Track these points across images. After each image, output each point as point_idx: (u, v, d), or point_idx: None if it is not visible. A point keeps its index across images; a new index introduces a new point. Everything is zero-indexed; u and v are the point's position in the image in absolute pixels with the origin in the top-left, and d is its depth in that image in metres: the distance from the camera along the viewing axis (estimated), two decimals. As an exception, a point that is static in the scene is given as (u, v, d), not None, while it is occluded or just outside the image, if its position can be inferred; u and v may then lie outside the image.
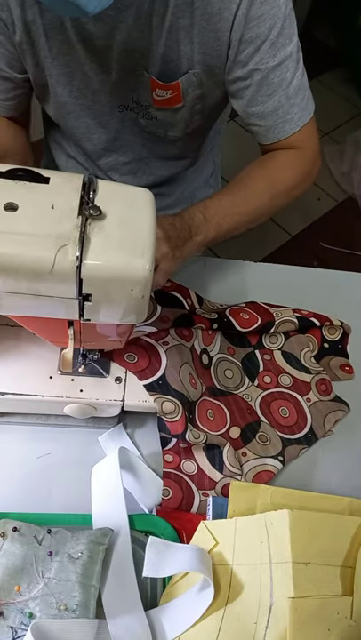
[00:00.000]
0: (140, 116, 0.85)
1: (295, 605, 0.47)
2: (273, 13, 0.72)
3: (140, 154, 0.94)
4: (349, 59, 2.67)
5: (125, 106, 0.84)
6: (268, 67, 0.75)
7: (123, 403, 0.64)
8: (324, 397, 0.75)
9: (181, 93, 0.80)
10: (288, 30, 0.74)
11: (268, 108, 0.78)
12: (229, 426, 0.69)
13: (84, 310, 0.50)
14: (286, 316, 0.79)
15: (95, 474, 0.61)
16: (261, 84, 0.76)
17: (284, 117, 0.79)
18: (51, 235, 0.45)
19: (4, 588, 0.51)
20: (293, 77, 0.77)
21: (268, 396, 0.73)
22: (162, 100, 0.81)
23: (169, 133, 0.88)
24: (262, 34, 0.72)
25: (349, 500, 0.58)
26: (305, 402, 0.73)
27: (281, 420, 0.71)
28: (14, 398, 0.62)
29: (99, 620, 0.51)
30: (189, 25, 0.72)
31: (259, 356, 0.77)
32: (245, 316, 0.77)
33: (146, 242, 0.47)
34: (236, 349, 0.77)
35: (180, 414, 0.64)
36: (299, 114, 0.80)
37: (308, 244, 2.04)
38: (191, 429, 0.65)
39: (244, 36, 0.72)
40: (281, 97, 0.77)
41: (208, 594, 0.52)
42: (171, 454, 0.66)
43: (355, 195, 2.24)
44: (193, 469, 0.66)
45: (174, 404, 0.65)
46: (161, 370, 0.66)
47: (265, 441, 0.69)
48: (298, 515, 0.51)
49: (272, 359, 0.77)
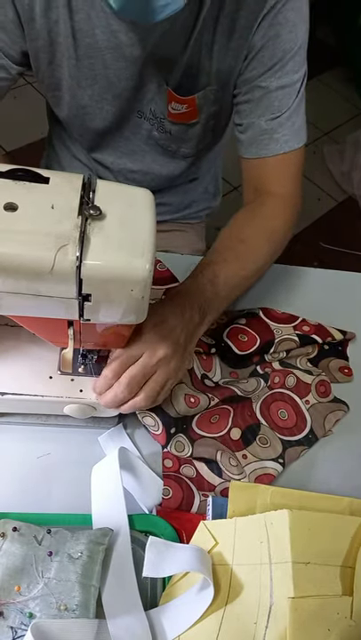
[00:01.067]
0: (155, 129, 0.85)
1: (295, 605, 0.47)
2: (290, 38, 0.73)
3: (150, 167, 0.94)
4: (349, 58, 2.67)
5: (143, 114, 0.84)
6: (270, 87, 0.75)
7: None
8: (323, 399, 0.75)
9: (197, 109, 0.80)
10: (300, 59, 0.75)
11: (259, 122, 0.78)
12: (230, 427, 0.69)
13: (84, 310, 0.50)
14: (287, 334, 0.78)
15: (95, 474, 0.61)
16: (260, 102, 0.77)
17: (271, 136, 0.78)
18: (51, 235, 0.45)
19: (4, 588, 0.51)
20: (292, 105, 0.77)
21: (269, 397, 0.73)
22: (177, 114, 0.81)
23: (181, 149, 0.89)
24: (275, 56, 0.73)
25: (349, 500, 0.58)
26: (304, 404, 0.73)
27: (280, 423, 0.71)
28: (14, 398, 0.62)
29: (99, 619, 0.51)
30: (211, 41, 0.73)
31: (260, 372, 0.76)
32: (244, 339, 0.76)
33: (146, 242, 0.47)
34: (240, 371, 0.77)
35: (160, 430, 0.66)
36: (287, 137, 0.79)
37: (309, 244, 2.04)
38: (176, 441, 0.66)
39: (258, 55, 0.73)
40: (274, 116, 0.77)
41: (208, 594, 0.52)
42: (170, 459, 0.66)
43: (355, 195, 2.24)
44: (192, 474, 0.66)
45: (154, 420, 0.66)
46: None
47: (265, 443, 0.69)
48: (298, 515, 0.51)
49: (272, 370, 0.76)
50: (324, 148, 2.37)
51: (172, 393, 0.66)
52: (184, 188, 1.04)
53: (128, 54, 0.74)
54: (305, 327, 0.80)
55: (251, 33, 0.72)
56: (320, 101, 2.48)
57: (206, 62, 0.75)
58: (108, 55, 0.75)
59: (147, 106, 0.82)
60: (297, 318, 0.81)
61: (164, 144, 0.88)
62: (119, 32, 0.72)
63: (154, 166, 0.93)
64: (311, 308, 0.84)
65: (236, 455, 0.68)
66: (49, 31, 0.74)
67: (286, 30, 0.72)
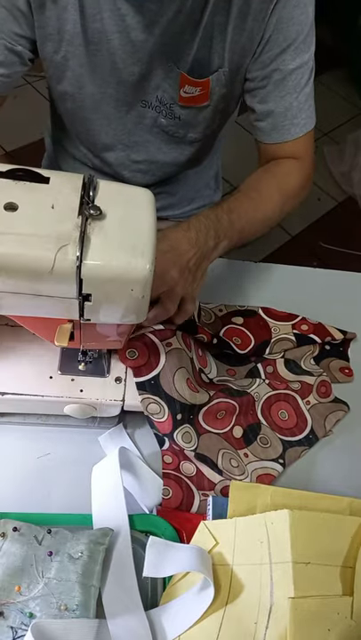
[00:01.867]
0: (162, 116, 0.86)
1: (295, 605, 0.47)
2: (302, 19, 0.74)
3: (154, 156, 0.94)
4: (349, 59, 2.67)
5: (148, 103, 0.84)
6: (287, 69, 0.77)
7: (123, 403, 0.64)
8: (324, 399, 0.75)
9: (209, 91, 0.81)
10: (310, 38, 0.77)
11: (280, 109, 0.80)
12: (233, 425, 0.69)
13: (84, 310, 0.50)
14: (284, 333, 0.78)
15: (95, 474, 0.61)
16: (278, 85, 0.79)
17: (292, 121, 0.81)
18: (51, 235, 0.45)
19: (4, 588, 0.51)
20: (306, 84, 0.80)
21: (273, 397, 0.73)
22: (189, 97, 0.82)
23: (189, 134, 0.89)
24: (289, 37, 0.75)
25: (349, 500, 0.58)
26: (304, 405, 0.73)
27: (280, 423, 0.71)
28: (14, 398, 0.62)
29: (99, 619, 0.51)
30: (225, 23, 0.74)
31: (261, 370, 0.76)
32: (238, 342, 0.77)
33: (146, 242, 0.47)
34: (238, 369, 0.77)
35: (165, 416, 0.65)
36: (305, 120, 0.82)
37: (308, 244, 2.04)
38: (184, 431, 0.65)
39: (272, 37, 0.75)
40: (293, 100, 0.80)
41: (208, 594, 0.52)
42: (169, 455, 0.66)
43: (355, 195, 2.24)
44: (192, 471, 0.66)
45: (160, 405, 0.65)
46: (156, 369, 0.65)
47: (266, 444, 0.69)
48: (298, 515, 0.51)
49: (275, 371, 0.76)
50: (324, 148, 2.36)
51: (175, 377, 0.66)
52: (186, 178, 1.04)
53: (135, 38, 0.74)
54: (303, 326, 0.80)
55: (266, 15, 0.73)
56: (320, 101, 2.46)
57: (219, 45, 0.76)
58: (115, 40, 0.75)
59: (152, 94, 0.83)
60: (297, 317, 0.81)
61: (170, 130, 0.88)
62: (127, 15, 0.72)
63: (158, 155, 0.94)
64: (311, 308, 0.84)
65: (239, 453, 0.68)
66: (58, 18, 0.74)
67: (298, 12, 0.74)
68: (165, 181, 1.01)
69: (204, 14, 0.72)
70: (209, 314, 0.79)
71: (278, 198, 0.82)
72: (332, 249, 2.03)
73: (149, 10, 0.71)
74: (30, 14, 0.74)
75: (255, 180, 0.83)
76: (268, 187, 0.82)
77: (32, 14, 0.74)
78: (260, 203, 0.80)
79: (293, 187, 0.85)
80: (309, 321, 0.81)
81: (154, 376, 0.65)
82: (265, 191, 0.81)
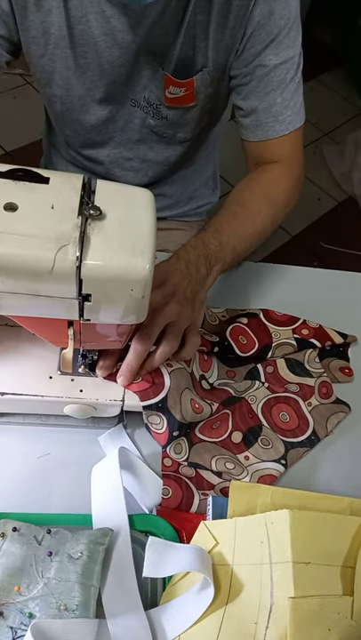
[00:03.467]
0: (150, 116, 0.85)
1: (295, 605, 0.47)
2: (285, 13, 0.73)
3: (146, 155, 0.94)
4: (349, 59, 2.67)
5: (137, 102, 0.84)
6: (271, 64, 0.76)
7: (123, 403, 0.64)
8: (325, 400, 0.75)
9: (195, 91, 0.81)
10: (294, 33, 0.76)
11: (263, 105, 0.79)
12: (231, 431, 0.69)
13: (84, 310, 0.50)
14: (285, 338, 0.77)
15: (95, 474, 0.61)
16: (261, 81, 0.77)
17: (277, 117, 0.80)
18: (51, 235, 0.45)
19: (4, 588, 0.51)
20: (292, 80, 0.78)
21: (272, 399, 0.73)
22: (174, 97, 0.81)
23: (178, 134, 0.88)
24: (272, 32, 0.74)
25: (350, 500, 0.58)
26: (306, 406, 0.73)
27: (282, 425, 0.71)
28: (14, 398, 0.62)
29: (99, 619, 0.51)
30: (206, 21, 0.73)
31: (261, 371, 0.76)
32: (244, 341, 0.76)
33: (146, 242, 0.47)
34: (237, 370, 0.76)
35: (163, 429, 0.65)
36: (290, 117, 0.80)
37: (308, 244, 2.04)
38: (175, 443, 0.66)
39: (255, 33, 0.74)
40: (277, 96, 0.78)
41: (208, 593, 0.52)
42: (169, 458, 0.66)
43: (355, 195, 2.24)
44: (191, 473, 0.66)
45: (160, 418, 0.65)
46: (163, 392, 0.65)
47: (267, 445, 0.69)
48: (298, 515, 0.51)
49: (275, 371, 0.76)
50: (324, 148, 2.36)
51: (181, 400, 0.66)
52: (183, 178, 1.04)
53: (121, 40, 0.74)
54: (304, 330, 0.79)
55: (247, 11, 0.72)
56: (320, 101, 2.47)
57: (202, 43, 0.76)
58: (102, 42, 0.75)
59: (140, 93, 0.82)
60: (297, 320, 0.81)
61: (159, 131, 0.87)
62: (112, 17, 0.72)
63: (150, 153, 0.93)
64: (311, 307, 0.84)
65: (238, 457, 0.67)
66: (42, 21, 0.74)
67: (280, 6, 0.73)
68: (161, 182, 1.01)
69: (187, 14, 0.72)
70: (214, 316, 0.79)
71: (267, 208, 0.80)
72: (332, 249, 2.03)
73: (134, 11, 0.71)
74: (12, 16, 0.73)
75: (240, 194, 0.81)
76: (256, 198, 0.80)
77: (14, 16, 0.73)
78: (249, 217, 0.78)
79: (281, 194, 0.82)
80: (310, 325, 0.81)
81: (162, 398, 0.65)
82: (252, 204, 0.79)
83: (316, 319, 0.82)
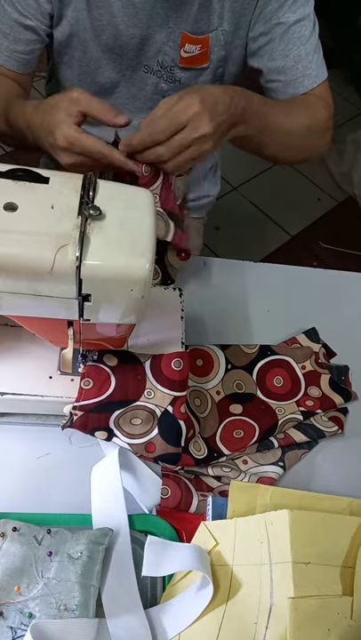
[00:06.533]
0: (163, 80, 0.87)
1: (295, 605, 0.47)
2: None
3: None
4: (349, 59, 2.67)
5: (150, 68, 0.86)
6: (289, 21, 0.80)
7: (123, 403, 0.64)
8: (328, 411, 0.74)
9: (209, 51, 0.83)
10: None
11: (289, 62, 0.82)
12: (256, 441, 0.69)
13: (84, 310, 0.50)
14: (291, 412, 0.72)
15: (95, 474, 0.61)
16: (282, 39, 0.81)
17: (304, 72, 0.83)
18: (51, 235, 0.45)
19: (4, 588, 0.51)
20: (311, 35, 0.82)
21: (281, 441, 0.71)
22: (189, 57, 0.84)
23: None
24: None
25: (349, 501, 0.58)
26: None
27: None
28: (14, 398, 0.62)
29: (99, 619, 0.51)
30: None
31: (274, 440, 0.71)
32: (240, 434, 0.69)
33: (146, 242, 0.47)
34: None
35: None
36: (316, 70, 0.83)
37: (308, 244, 2.04)
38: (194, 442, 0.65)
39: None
40: (300, 51, 0.81)
41: (207, 592, 0.52)
42: None
43: (355, 195, 2.24)
44: (191, 474, 0.66)
45: None
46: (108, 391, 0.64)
47: (264, 450, 0.69)
48: (298, 515, 0.51)
49: (286, 436, 0.71)
50: (324, 148, 2.36)
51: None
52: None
53: (138, 1, 0.77)
54: (309, 402, 0.74)
55: None
56: (320, 101, 2.47)
57: (218, 4, 0.79)
58: (117, 3, 0.78)
59: (154, 58, 0.85)
60: (299, 390, 0.75)
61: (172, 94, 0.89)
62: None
63: None
64: (311, 308, 0.84)
65: (236, 462, 0.68)
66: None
67: None
68: None
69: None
70: (205, 398, 0.72)
71: (305, 120, 0.82)
72: (332, 249, 2.03)
73: None
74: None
75: (284, 102, 0.84)
76: (297, 108, 0.83)
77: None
78: (290, 115, 0.80)
79: (322, 119, 0.84)
80: (312, 395, 0.74)
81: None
82: (294, 110, 0.82)
83: (316, 319, 0.82)
